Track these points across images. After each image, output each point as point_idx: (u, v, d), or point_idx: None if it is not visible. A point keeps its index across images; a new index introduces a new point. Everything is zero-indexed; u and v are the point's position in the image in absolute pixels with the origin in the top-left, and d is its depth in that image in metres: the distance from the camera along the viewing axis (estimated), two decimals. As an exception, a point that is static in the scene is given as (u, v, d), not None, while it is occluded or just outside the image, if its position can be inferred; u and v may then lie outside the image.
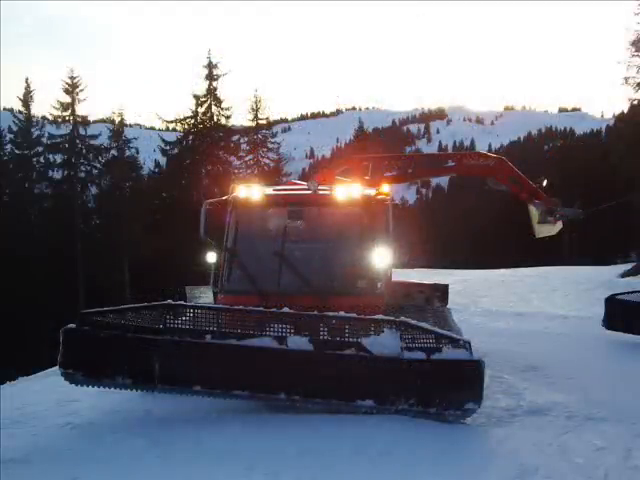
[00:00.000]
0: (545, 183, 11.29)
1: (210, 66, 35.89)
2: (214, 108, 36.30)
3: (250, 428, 5.33)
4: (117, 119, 38.49)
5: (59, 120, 35.40)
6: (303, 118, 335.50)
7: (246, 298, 6.47)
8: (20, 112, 37.02)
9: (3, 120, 39.36)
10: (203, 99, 36.19)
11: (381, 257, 6.84)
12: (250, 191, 7.39)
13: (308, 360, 5.43)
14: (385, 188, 7.55)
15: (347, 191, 7.21)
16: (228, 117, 36.65)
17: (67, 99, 35.12)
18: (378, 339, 5.45)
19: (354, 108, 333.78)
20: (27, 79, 36.73)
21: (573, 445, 5.14)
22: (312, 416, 5.45)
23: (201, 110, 36.26)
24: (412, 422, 5.27)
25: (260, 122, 39.00)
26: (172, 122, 37.07)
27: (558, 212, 11.02)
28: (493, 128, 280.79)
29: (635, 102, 27.96)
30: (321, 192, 7.36)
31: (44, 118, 37.03)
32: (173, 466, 4.59)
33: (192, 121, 36.39)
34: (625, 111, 36.48)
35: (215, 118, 36.35)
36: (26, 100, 36.50)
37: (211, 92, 36.20)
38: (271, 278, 7.00)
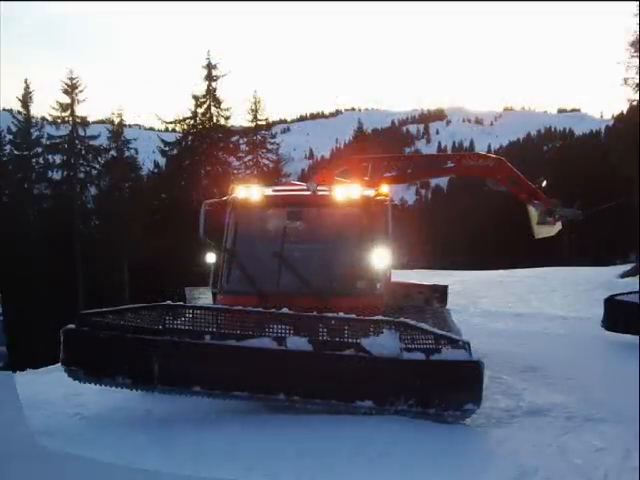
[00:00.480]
0: (544, 184, 11.27)
1: (209, 67, 35.91)
2: (213, 109, 36.33)
3: (249, 429, 5.32)
4: (116, 120, 38.44)
5: (58, 121, 35.36)
6: (302, 119, 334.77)
7: (245, 299, 6.46)
8: (19, 113, 36.93)
9: (2, 121, 39.25)
10: (202, 100, 36.21)
11: (380, 258, 6.84)
12: (249, 192, 7.39)
13: (307, 361, 5.43)
14: (384, 189, 7.55)
15: (346, 192, 7.20)
16: (227, 118, 36.69)
17: (66, 100, 35.13)
18: (377, 340, 5.44)
19: (353, 109, 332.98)
20: (26, 80, 36.73)
21: (572, 446, 5.14)
22: (311, 417, 5.45)
23: (200, 111, 36.28)
24: (411, 423, 5.27)
25: (259, 123, 39.04)
26: (171, 123, 37.25)
27: (557, 213, 11.00)
28: (492, 129, 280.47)
29: (634, 103, 28.00)
30: (320, 193, 7.36)
31: (43, 119, 36.98)
32: (173, 467, 4.58)
33: (191, 122, 36.43)
34: (624, 112, 36.58)
35: (214, 119, 36.36)
36: (25, 101, 36.45)
37: (210, 93, 36.22)
38: (270, 279, 7.00)
